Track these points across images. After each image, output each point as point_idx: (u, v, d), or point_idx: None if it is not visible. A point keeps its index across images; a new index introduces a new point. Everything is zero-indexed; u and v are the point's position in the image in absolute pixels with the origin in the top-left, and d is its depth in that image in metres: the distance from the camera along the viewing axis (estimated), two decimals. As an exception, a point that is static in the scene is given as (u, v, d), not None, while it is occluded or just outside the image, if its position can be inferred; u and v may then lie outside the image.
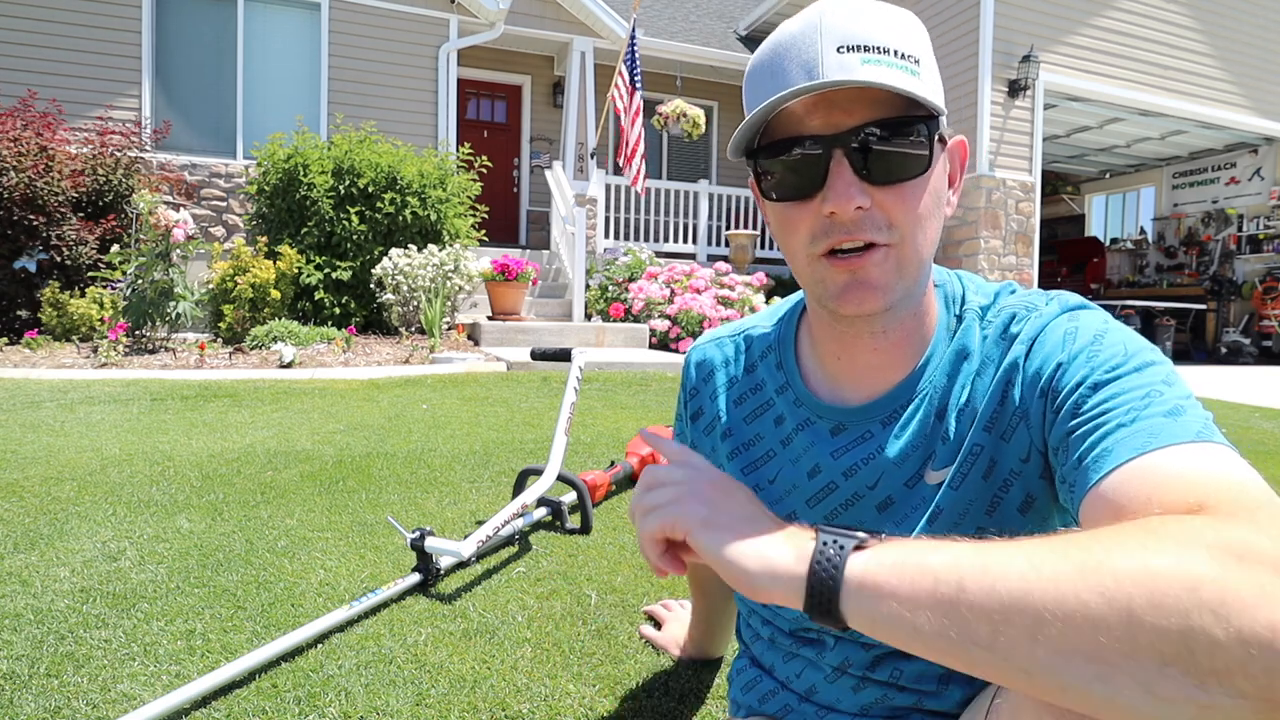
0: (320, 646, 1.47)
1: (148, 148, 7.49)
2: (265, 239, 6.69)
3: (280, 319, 6.14)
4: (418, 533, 1.73)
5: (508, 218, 11.39)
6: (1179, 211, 12.40)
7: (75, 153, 6.53)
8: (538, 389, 4.58)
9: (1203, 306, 11.15)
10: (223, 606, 1.64)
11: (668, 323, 7.25)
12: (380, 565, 1.90)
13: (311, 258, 6.76)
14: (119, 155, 6.77)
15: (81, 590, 1.69)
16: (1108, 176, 13.90)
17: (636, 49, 8.53)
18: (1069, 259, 13.72)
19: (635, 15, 8.57)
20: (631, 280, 8.14)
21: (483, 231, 8.44)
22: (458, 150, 8.04)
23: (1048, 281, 12.47)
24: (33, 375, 4.46)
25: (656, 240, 10.38)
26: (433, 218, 7.17)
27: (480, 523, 2.20)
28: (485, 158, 8.20)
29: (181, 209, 7.54)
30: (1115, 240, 13.99)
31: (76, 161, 6.45)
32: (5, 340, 5.60)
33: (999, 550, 0.45)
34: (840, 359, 0.77)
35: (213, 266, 6.20)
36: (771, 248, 10.47)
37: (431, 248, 6.69)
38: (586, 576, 1.87)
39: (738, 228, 10.60)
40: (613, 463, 2.77)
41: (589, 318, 7.94)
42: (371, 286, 6.76)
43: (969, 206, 8.89)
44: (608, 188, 10.05)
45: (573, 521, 2.22)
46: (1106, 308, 10.25)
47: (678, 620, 1.52)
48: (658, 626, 1.55)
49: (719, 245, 10.66)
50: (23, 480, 2.46)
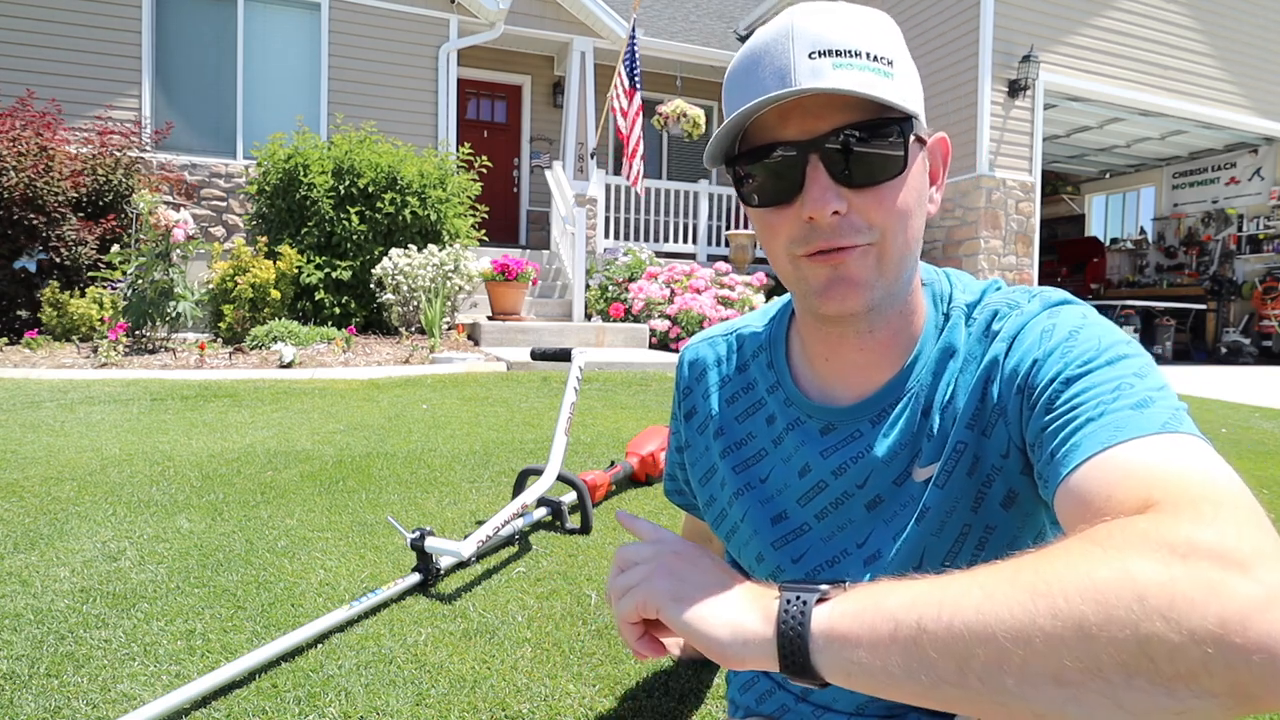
0: (320, 646, 1.48)
1: (148, 148, 7.49)
2: (265, 239, 6.69)
3: (280, 319, 6.14)
4: (418, 533, 1.73)
5: (508, 218, 11.39)
6: (1179, 211, 12.40)
7: (75, 153, 6.53)
8: (538, 389, 4.58)
9: (1203, 306, 11.15)
10: (223, 606, 1.64)
11: (668, 323, 7.25)
12: (380, 565, 1.90)
13: (311, 258, 6.76)
14: (119, 155, 6.77)
15: (81, 590, 1.69)
16: (1108, 176, 13.90)
17: (636, 49, 8.52)
18: (1069, 259, 13.72)
19: (635, 15, 8.57)
20: (631, 280, 8.14)
21: (483, 231, 8.43)
22: (458, 150, 8.04)
23: (1047, 282, 12.45)
24: (33, 375, 4.46)
25: (656, 240, 10.37)
26: (433, 218, 7.17)
27: (480, 523, 2.20)
28: (485, 158, 8.19)
29: (181, 209, 7.54)
30: (1115, 240, 13.98)
31: (76, 161, 6.45)
32: (5, 340, 5.60)
33: (954, 583, 0.45)
34: (829, 360, 0.77)
35: (213, 266, 6.20)
36: (771, 248, 10.45)
37: (431, 248, 6.69)
38: (586, 576, 1.87)
39: (738, 228, 10.60)
40: (613, 463, 2.77)
41: (589, 318, 7.94)
42: (371, 286, 6.76)
43: (969, 207, 8.88)
44: (608, 188, 10.05)
45: (573, 521, 2.22)
46: (1106, 308, 10.35)
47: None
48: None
49: (719, 245, 10.66)
50: (23, 480, 2.46)
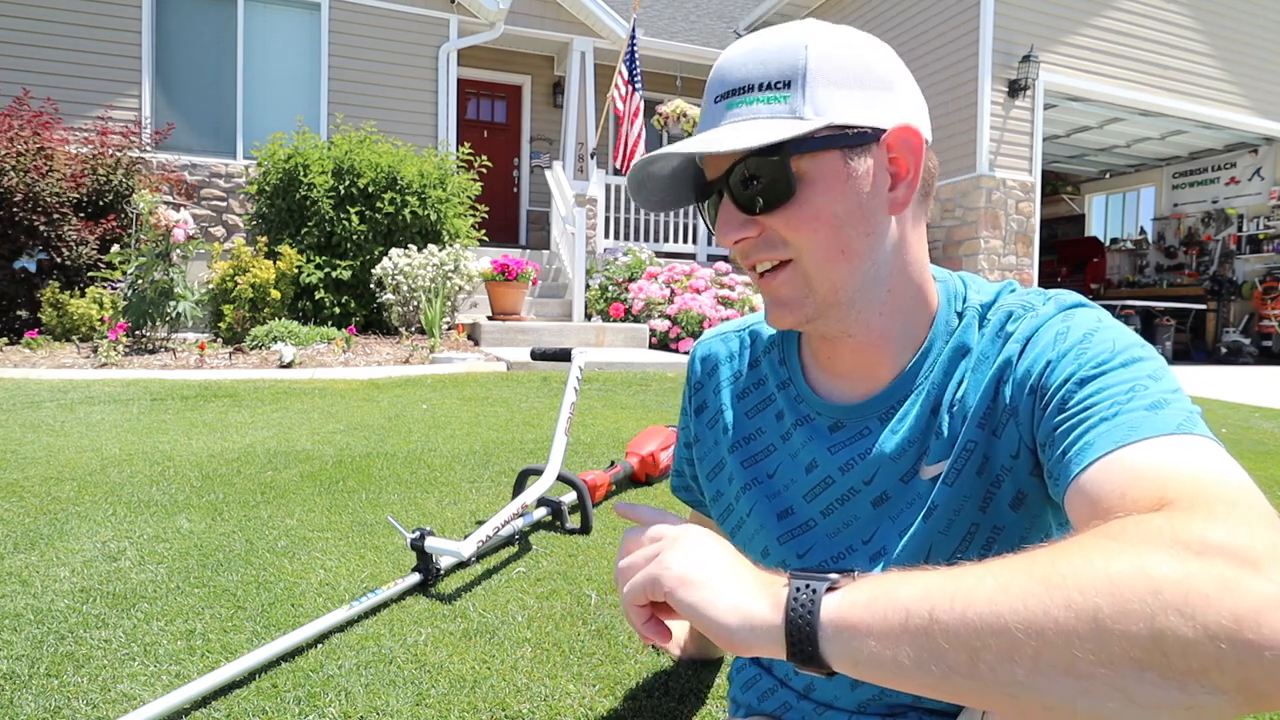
0: (320, 646, 1.48)
1: (148, 148, 7.49)
2: (265, 239, 6.69)
3: (280, 319, 6.14)
4: (418, 533, 1.73)
5: (508, 218, 11.39)
6: (1179, 211, 12.39)
7: (75, 153, 6.53)
8: (538, 389, 4.58)
9: (1203, 306, 11.15)
10: (223, 606, 1.64)
11: (668, 323, 7.25)
12: (380, 565, 1.90)
13: (311, 258, 6.76)
14: (119, 155, 6.77)
15: (81, 590, 1.69)
16: (1108, 176, 13.90)
17: (636, 49, 8.53)
18: (1069, 259, 13.71)
19: (635, 15, 8.57)
20: (631, 280, 8.14)
21: (483, 231, 8.43)
22: (458, 150, 8.04)
23: (1048, 281, 12.45)
24: (33, 375, 4.46)
25: (656, 240, 10.37)
26: (433, 218, 7.17)
27: (480, 523, 2.20)
28: (485, 158, 8.19)
29: (181, 209, 7.53)
30: (1115, 240, 13.98)
31: (76, 162, 6.45)
32: (5, 340, 5.60)
33: (968, 575, 0.45)
34: (831, 359, 0.79)
35: (213, 266, 6.20)
36: (771, 248, 10.46)
37: (431, 248, 6.69)
38: (586, 576, 1.87)
39: (738, 228, 10.59)
40: (613, 463, 2.77)
41: (589, 318, 7.94)
42: (371, 286, 6.76)
43: (969, 207, 8.88)
44: (608, 188, 10.05)
45: (573, 521, 2.22)
46: (1106, 308, 10.24)
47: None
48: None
49: (719, 245, 10.64)
50: (23, 480, 2.46)
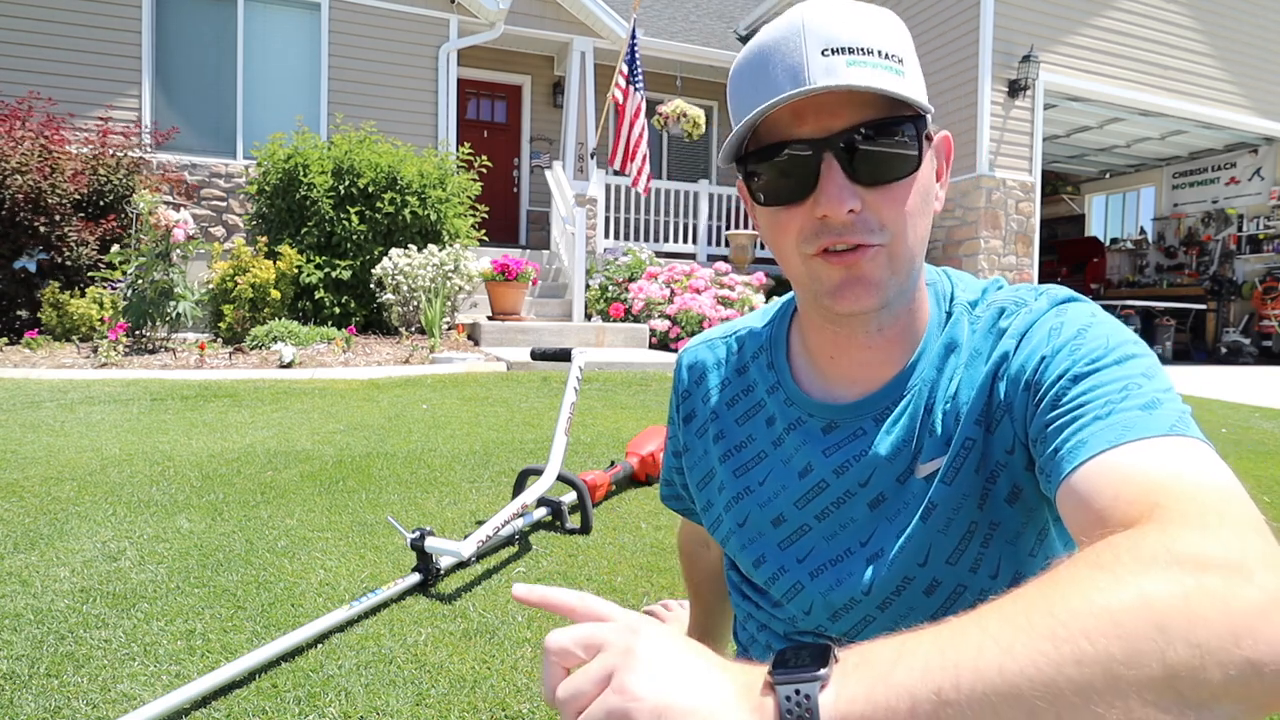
0: (320, 646, 1.48)
1: (148, 148, 7.49)
2: (265, 239, 6.69)
3: (280, 319, 6.14)
4: (418, 533, 1.73)
5: (508, 218, 11.39)
6: (1179, 211, 12.39)
7: (76, 153, 6.53)
8: (538, 389, 4.57)
9: (1203, 306, 11.15)
10: (223, 606, 1.64)
11: (668, 323, 7.25)
12: (380, 565, 1.90)
13: (311, 258, 6.76)
14: (119, 156, 6.77)
15: (81, 590, 1.69)
16: (1108, 176, 13.90)
17: (636, 49, 8.52)
18: (1069, 259, 13.71)
19: (635, 15, 8.57)
20: (631, 280, 8.14)
21: (483, 231, 8.43)
22: (458, 150, 8.04)
23: (1048, 282, 12.44)
24: (33, 375, 4.46)
25: (656, 240, 10.37)
26: (433, 218, 7.17)
27: (480, 523, 2.20)
28: (485, 158, 8.20)
29: (181, 209, 7.53)
30: (1115, 240, 13.99)
31: (77, 162, 6.45)
32: (5, 340, 5.60)
33: (964, 640, 0.41)
34: (834, 358, 0.77)
35: (213, 266, 6.20)
36: (771, 248, 10.47)
37: (431, 248, 6.69)
38: (586, 576, 1.87)
39: (738, 228, 10.60)
40: (613, 463, 2.77)
41: (589, 318, 7.94)
42: (371, 286, 6.76)
43: (969, 207, 8.88)
44: (608, 188, 10.04)
45: (573, 521, 2.22)
46: (1106, 308, 10.22)
47: (678, 621, 1.51)
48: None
49: (719, 245, 10.66)
50: (23, 480, 2.46)
